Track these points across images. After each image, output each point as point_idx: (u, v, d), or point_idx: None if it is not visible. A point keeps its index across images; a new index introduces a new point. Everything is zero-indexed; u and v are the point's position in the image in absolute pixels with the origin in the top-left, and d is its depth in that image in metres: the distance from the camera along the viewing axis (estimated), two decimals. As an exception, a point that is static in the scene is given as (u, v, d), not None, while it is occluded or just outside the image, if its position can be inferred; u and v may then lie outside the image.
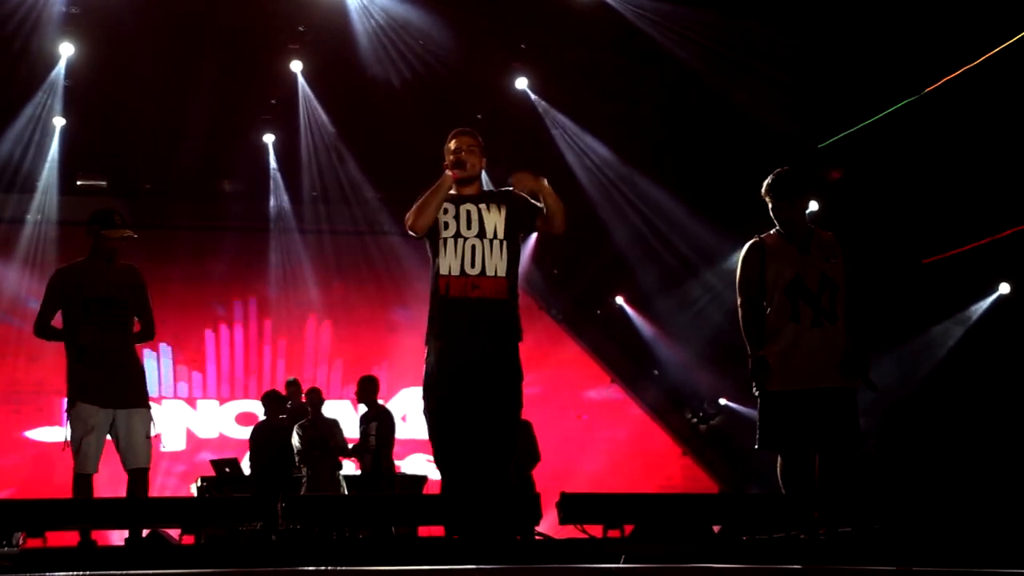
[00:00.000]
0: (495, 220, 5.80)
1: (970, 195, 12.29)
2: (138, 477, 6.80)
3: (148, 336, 7.10)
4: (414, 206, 5.78)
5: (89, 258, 6.99)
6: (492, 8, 11.84)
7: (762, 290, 6.22)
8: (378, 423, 10.98)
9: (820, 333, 6.08)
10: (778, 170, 6.32)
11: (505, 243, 5.79)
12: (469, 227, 5.77)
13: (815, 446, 6.09)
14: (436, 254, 5.79)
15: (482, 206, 5.84)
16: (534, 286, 16.28)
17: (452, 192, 5.87)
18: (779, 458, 6.13)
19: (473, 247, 5.74)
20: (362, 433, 10.94)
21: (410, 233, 5.86)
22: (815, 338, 6.07)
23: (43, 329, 6.97)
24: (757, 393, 6.19)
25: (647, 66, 12.60)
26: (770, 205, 6.30)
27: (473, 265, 5.73)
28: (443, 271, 5.73)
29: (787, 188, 6.25)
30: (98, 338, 6.74)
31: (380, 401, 11.46)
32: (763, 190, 6.31)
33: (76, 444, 6.72)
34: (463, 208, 5.82)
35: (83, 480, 6.72)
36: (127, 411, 6.78)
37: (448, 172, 5.82)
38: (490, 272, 5.74)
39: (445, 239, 5.76)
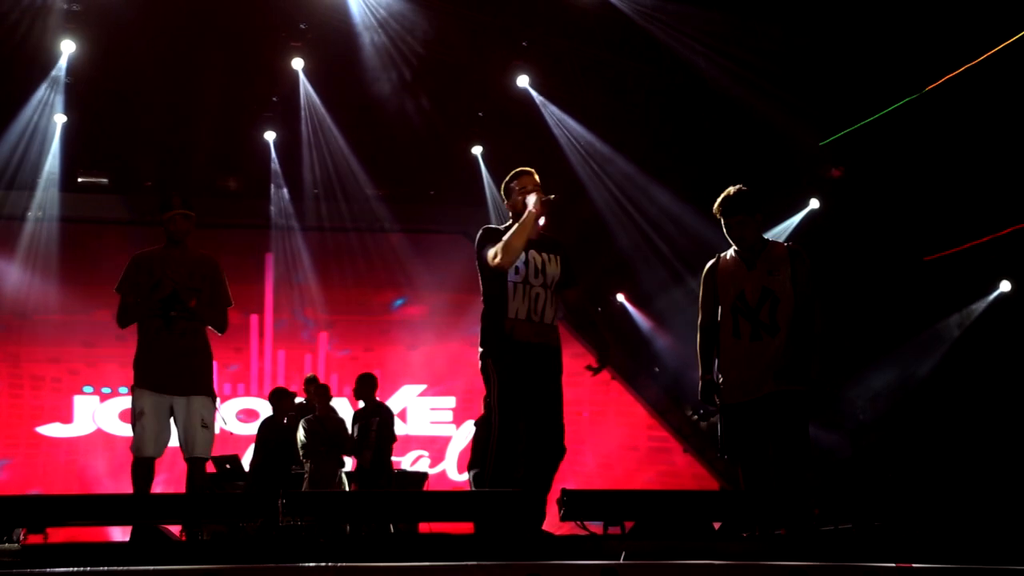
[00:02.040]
0: (554, 271, 6.21)
1: (971, 193, 12.30)
2: (196, 466, 6.81)
3: (218, 326, 7.10)
4: (500, 245, 6.05)
5: (164, 246, 7.05)
6: (494, 6, 11.85)
7: (715, 311, 6.41)
8: (379, 419, 11.00)
9: (759, 347, 6.20)
10: (728, 189, 6.43)
11: (555, 293, 6.22)
12: (536, 276, 6.15)
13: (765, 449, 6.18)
14: (502, 294, 6.11)
15: (545, 255, 6.22)
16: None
17: None
18: (738, 470, 6.23)
19: (538, 295, 6.13)
20: (362, 428, 10.93)
21: (493, 268, 6.09)
22: (753, 352, 6.21)
23: (124, 317, 6.94)
24: (711, 409, 6.39)
25: (649, 64, 12.60)
26: (722, 223, 6.41)
27: (536, 313, 6.12)
28: (511, 314, 6.08)
29: (734, 206, 6.37)
30: (158, 324, 6.77)
31: (378, 399, 11.49)
32: (713, 209, 6.42)
33: (133, 427, 6.77)
34: (530, 254, 6.16)
35: (139, 464, 6.70)
36: (186, 398, 6.78)
37: (533, 211, 6.09)
38: (548, 320, 6.17)
39: (515, 283, 6.11)
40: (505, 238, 6.05)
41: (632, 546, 4.93)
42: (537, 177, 6.31)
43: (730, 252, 6.44)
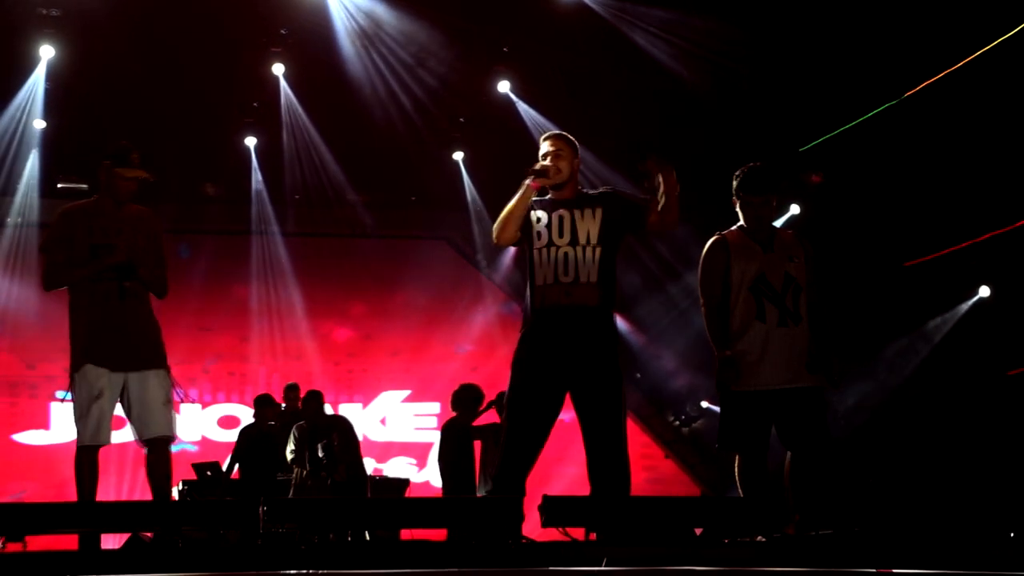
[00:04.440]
0: (589, 226, 5.84)
1: (951, 198, 12.36)
2: (158, 448, 6.06)
3: (159, 291, 6.25)
4: (499, 218, 5.84)
5: (99, 198, 6.27)
6: (475, 11, 11.85)
7: (727, 289, 6.19)
8: (339, 433, 10.78)
9: (786, 333, 6.06)
10: (750, 164, 6.29)
11: (599, 249, 5.81)
12: (561, 235, 5.82)
13: (786, 446, 6.12)
14: (531, 264, 5.85)
15: (576, 211, 5.88)
16: (516, 289, 16.28)
17: (548, 197, 5.94)
18: (737, 458, 6.16)
19: (566, 255, 5.78)
20: (326, 447, 10.62)
21: (498, 245, 5.96)
22: (781, 338, 6.06)
23: (52, 278, 6.12)
24: (720, 393, 6.21)
25: (629, 69, 12.62)
26: (739, 201, 6.27)
27: (567, 273, 5.77)
28: (538, 281, 5.80)
29: (759, 184, 6.21)
30: (103, 290, 6.01)
31: (329, 410, 11.27)
32: (734, 184, 6.29)
33: (82, 410, 5.94)
34: (555, 215, 5.86)
35: (88, 453, 5.98)
36: (140, 373, 6.04)
37: (527, 182, 5.82)
38: (583, 279, 5.77)
39: (539, 250, 5.82)
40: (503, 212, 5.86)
41: (614, 552, 4.93)
42: (549, 144, 6.06)
43: (734, 230, 6.28)
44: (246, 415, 13.98)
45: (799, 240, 6.27)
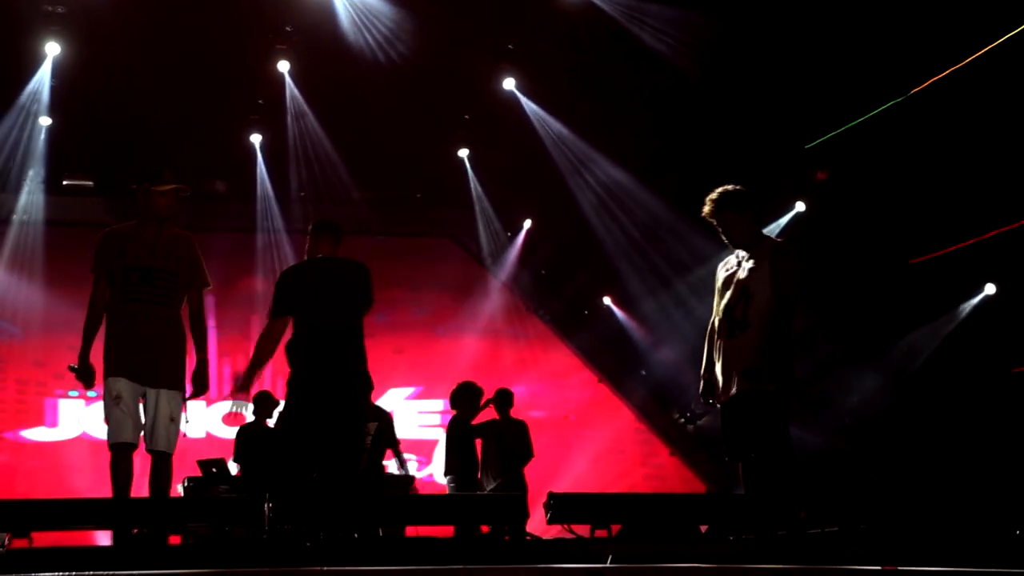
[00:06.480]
0: None
1: (957, 196, 12.34)
2: (157, 462, 6.44)
3: (199, 320, 6.76)
4: None
5: (139, 222, 6.61)
6: (480, 9, 11.85)
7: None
8: (378, 424, 10.88)
9: (731, 344, 6.20)
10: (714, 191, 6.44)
11: None
12: None
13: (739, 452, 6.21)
14: None
15: None
16: (522, 287, 16.28)
17: None
18: (738, 467, 6.24)
19: None
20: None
21: None
22: (726, 349, 6.22)
23: (95, 305, 6.56)
24: (698, 412, 6.43)
25: (635, 67, 12.61)
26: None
27: None
28: None
29: (716, 205, 6.37)
30: (131, 310, 6.43)
31: (377, 403, 11.43)
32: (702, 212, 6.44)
33: (107, 413, 6.43)
34: None
35: (119, 453, 6.37)
36: (156, 391, 6.45)
37: None
38: None
39: None
40: None
41: (619, 550, 4.93)
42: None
43: (739, 250, 6.40)
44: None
45: (770, 247, 6.29)
